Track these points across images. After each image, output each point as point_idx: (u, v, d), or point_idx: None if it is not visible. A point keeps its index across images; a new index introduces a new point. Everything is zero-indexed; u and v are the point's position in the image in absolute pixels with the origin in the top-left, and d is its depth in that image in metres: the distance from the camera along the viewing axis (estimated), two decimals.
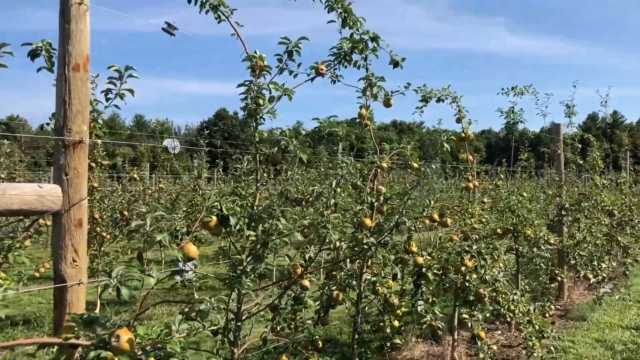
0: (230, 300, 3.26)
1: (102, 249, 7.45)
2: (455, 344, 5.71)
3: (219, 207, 2.62)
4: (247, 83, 2.96)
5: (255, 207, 3.02)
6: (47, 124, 3.57)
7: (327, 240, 2.93)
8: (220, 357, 2.51)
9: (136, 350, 1.82)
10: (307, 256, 3.44)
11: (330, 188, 3.23)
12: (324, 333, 6.73)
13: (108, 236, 7.20)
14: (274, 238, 2.57)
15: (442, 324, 3.70)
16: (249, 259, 2.62)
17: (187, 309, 2.26)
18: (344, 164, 3.48)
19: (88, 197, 2.82)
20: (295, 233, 2.67)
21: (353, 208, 3.43)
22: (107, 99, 2.79)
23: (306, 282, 3.41)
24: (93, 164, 7.43)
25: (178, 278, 2.13)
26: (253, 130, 2.99)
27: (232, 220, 2.62)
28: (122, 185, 9.92)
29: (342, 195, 3.44)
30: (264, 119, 3.03)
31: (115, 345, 1.77)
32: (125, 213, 7.41)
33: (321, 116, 3.44)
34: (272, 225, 2.58)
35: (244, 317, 3.15)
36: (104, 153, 6.57)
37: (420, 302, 3.57)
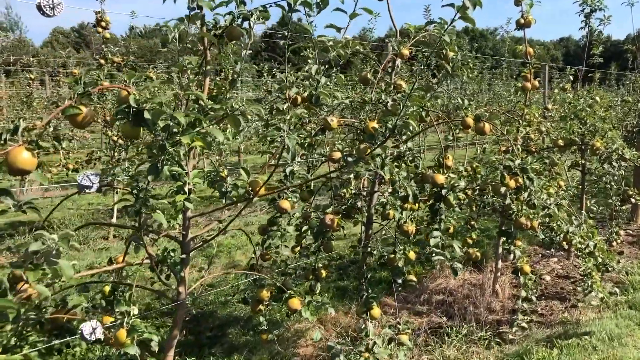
0: (177, 225, 2.52)
1: (121, 155, 6.81)
2: (499, 273, 4.87)
3: (130, 98, 1.80)
4: None
5: (203, 101, 2.20)
6: None
7: (285, 147, 2.07)
8: (145, 298, 1.78)
9: None
10: (287, 170, 2.60)
11: (311, 77, 2.31)
12: (350, 254, 6.05)
13: (121, 141, 6.60)
14: (177, 138, 1.74)
15: (459, 264, 2.83)
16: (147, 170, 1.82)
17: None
18: (330, 42, 2.50)
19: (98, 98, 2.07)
20: (212, 128, 1.82)
21: (336, 100, 2.45)
22: None
23: (285, 204, 2.59)
24: (102, 61, 6.75)
25: (9, 201, 1.37)
26: None
27: (147, 115, 1.81)
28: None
29: (329, 86, 2.53)
30: None
31: None
32: None
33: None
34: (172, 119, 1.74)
35: (194, 246, 2.41)
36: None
37: (436, 234, 2.68)
